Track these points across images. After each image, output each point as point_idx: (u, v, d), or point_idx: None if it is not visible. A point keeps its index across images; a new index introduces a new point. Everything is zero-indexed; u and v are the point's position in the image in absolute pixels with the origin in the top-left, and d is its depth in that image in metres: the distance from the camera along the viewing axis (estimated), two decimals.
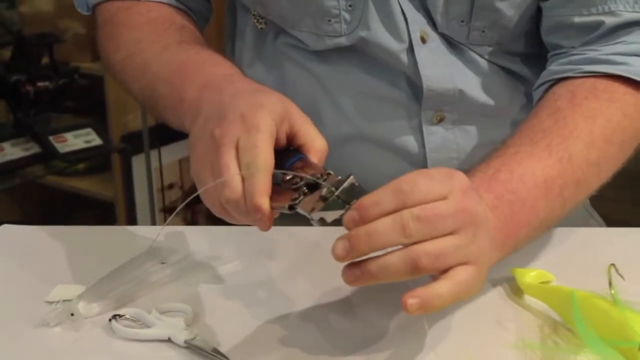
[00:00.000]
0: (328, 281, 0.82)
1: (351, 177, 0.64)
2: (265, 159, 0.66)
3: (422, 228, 0.62)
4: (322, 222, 0.63)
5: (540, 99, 0.89)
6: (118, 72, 0.93)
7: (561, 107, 0.84)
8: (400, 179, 0.64)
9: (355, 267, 0.64)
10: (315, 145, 0.70)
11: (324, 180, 0.64)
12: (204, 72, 0.79)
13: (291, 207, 0.65)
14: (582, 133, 0.81)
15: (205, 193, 0.70)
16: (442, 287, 0.63)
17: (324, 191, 0.63)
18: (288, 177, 0.66)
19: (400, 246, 0.64)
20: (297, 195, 0.65)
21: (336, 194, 0.63)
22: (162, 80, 0.83)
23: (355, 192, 0.63)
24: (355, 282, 0.65)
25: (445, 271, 0.64)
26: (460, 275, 0.64)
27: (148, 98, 0.86)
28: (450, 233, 0.64)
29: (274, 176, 0.66)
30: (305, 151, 0.70)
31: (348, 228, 0.63)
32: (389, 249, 0.63)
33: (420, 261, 0.62)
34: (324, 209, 0.62)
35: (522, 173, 0.77)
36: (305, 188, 0.65)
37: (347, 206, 0.63)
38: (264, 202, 0.65)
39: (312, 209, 0.63)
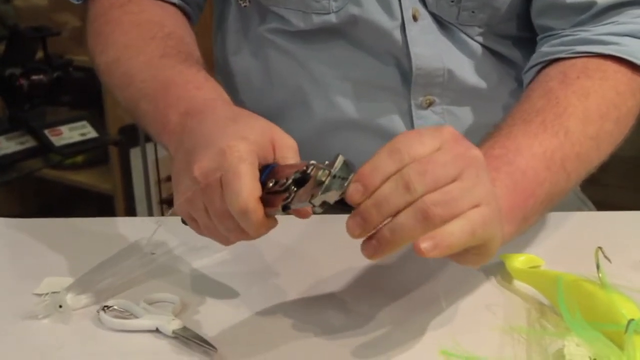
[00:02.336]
0: (317, 270, 0.83)
1: (340, 155, 0.62)
2: (249, 188, 0.64)
3: (425, 180, 0.61)
4: (325, 205, 0.62)
5: (531, 81, 0.89)
6: (103, 73, 0.92)
7: (553, 87, 0.84)
8: (392, 141, 0.63)
9: (370, 240, 0.63)
10: (285, 142, 0.69)
11: (312, 169, 0.63)
12: (185, 95, 0.77)
13: (285, 207, 0.64)
14: (576, 110, 0.81)
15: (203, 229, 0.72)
16: (455, 225, 0.61)
17: (318, 176, 0.62)
18: (270, 184, 0.65)
19: None
20: (287, 195, 0.64)
21: (333, 173, 0.61)
22: (145, 97, 0.82)
23: (348, 169, 0.62)
24: (375, 254, 0.63)
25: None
26: (473, 214, 0.62)
27: (132, 111, 0.86)
28: (454, 180, 0.62)
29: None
30: (277, 160, 0.69)
31: (354, 201, 0.62)
32: None
33: (430, 211, 0.60)
34: (325, 191, 0.61)
35: (517, 147, 0.76)
36: (293, 187, 0.64)
37: (346, 182, 0.62)
38: (266, 222, 0.66)
39: (312, 196, 0.62)
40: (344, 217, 0.94)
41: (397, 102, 0.96)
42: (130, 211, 2.56)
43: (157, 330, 0.72)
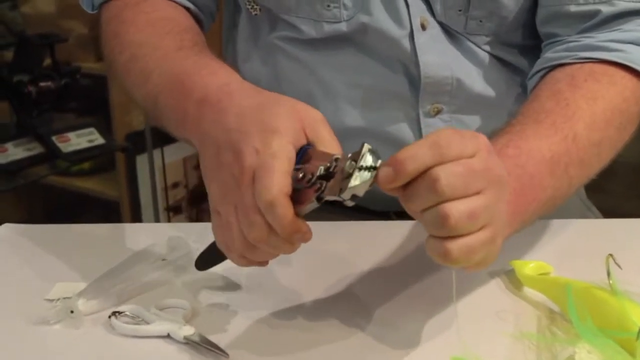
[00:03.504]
0: (329, 276, 0.83)
1: (365, 144, 0.62)
2: (279, 184, 0.63)
3: (455, 184, 0.61)
4: (355, 198, 0.62)
5: (537, 84, 0.89)
6: (121, 74, 0.91)
7: (562, 89, 0.84)
8: (435, 133, 0.62)
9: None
10: (313, 118, 0.69)
11: (335, 165, 0.63)
12: (200, 83, 0.77)
13: (319, 199, 0.63)
14: (584, 114, 0.81)
15: (224, 239, 0.69)
16: (461, 243, 0.62)
17: (346, 167, 0.61)
18: (300, 176, 0.64)
19: None
20: (318, 186, 0.63)
21: (358, 164, 0.61)
22: (162, 92, 0.81)
23: (374, 157, 0.62)
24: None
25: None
26: (481, 235, 0.63)
27: (151, 108, 0.84)
28: (478, 192, 0.62)
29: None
30: (310, 138, 0.68)
31: (383, 187, 0.62)
32: None
33: (451, 220, 0.60)
34: (353, 184, 0.61)
35: (530, 149, 0.76)
36: (319, 181, 0.64)
37: (374, 171, 0.61)
38: (297, 222, 0.64)
39: (340, 190, 0.61)
40: (356, 224, 0.95)
41: (405, 110, 0.96)
42: (137, 218, 2.56)
43: (168, 336, 0.73)
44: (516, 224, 0.73)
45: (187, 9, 0.96)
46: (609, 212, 1.09)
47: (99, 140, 2.26)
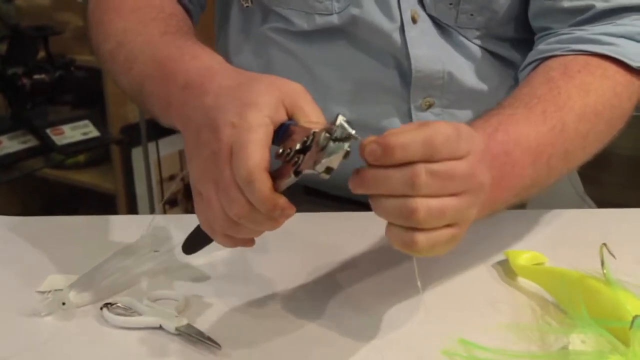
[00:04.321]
0: (321, 266, 0.83)
1: (339, 116, 0.61)
2: (256, 157, 0.63)
3: (432, 185, 0.61)
4: (330, 170, 0.61)
5: (530, 72, 0.89)
6: (107, 62, 0.91)
7: (555, 77, 0.83)
8: (432, 129, 0.61)
9: (358, 182, 0.63)
10: (292, 90, 0.68)
11: (312, 139, 0.62)
12: (182, 68, 0.76)
13: (297, 173, 0.63)
14: (575, 104, 0.81)
15: (207, 218, 0.68)
16: (425, 236, 0.62)
17: (320, 140, 0.60)
18: (280, 151, 0.64)
19: None
20: (296, 159, 0.63)
21: (333, 136, 0.60)
22: (147, 78, 0.81)
23: (348, 128, 0.60)
24: (355, 191, 0.64)
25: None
26: (445, 232, 0.63)
27: (137, 94, 0.84)
28: (454, 194, 0.62)
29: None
30: (291, 111, 0.67)
31: (367, 161, 0.61)
32: None
33: (417, 213, 0.61)
34: (327, 156, 0.60)
35: (518, 136, 0.76)
36: (297, 156, 0.63)
37: (348, 143, 0.60)
38: (275, 196, 0.63)
39: (315, 163, 0.61)
40: (347, 215, 0.95)
41: (396, 104, 0.96)
42: (132, 210, 2.56)
43: (160, 328, 0.72)
44: (485, 211, 0.72)
45: None
46: (604, 204, 1.09)
47: (94, 132, 2.26)
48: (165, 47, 0.82)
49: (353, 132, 0.60)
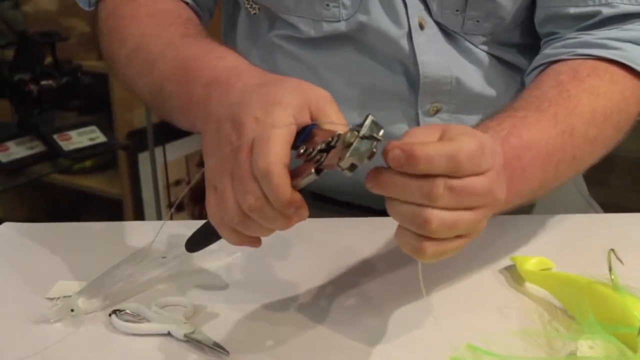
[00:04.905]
0: (328, 273, 0.83)
1: (369, 115, 0.60)
2: (277, 152, 0.62)
3: (449, 198, 0.61)
4: (353, 167, 0.60)
5: (538, 74, 0.89)
6: (123, 67, 0.90)
7: (564, 81, 0.84)
8: (458, 146, 0.61)
9: (377, 181, 0.62)
10: (318, 95, 0.67)
11: (337, 140, 0.61)
12: (208, 66, 0.76)
13: (318, 171, 0.62)
14: (585, 108, 0.81)
15: (218, 211, 0.67)
16: (434, 246, 0.62)
17: (347, 138, 0.60)
18: (301, 151, 0.63)
19: None
20: (318, 158, 0.62)
21: (361, 134, 0.59)
22: (168, 78, 0.80)
23: (377, 128, 0.60)
24: (372, 189, 0.63)
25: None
26: (455, 243, 0.63)
27: (155, 97, 0.84)
28: (469, 208, 0.62)
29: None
30: (315, 116, 0.66)
31: (390, 165, 0.61)
32: None
33: (431, 224, 0.60)
34: (353, 152, 0.59)
35: (530, 140, 0.76)
36: (322, 152, 0.62)
37: (375, 142, 0.60)
38: (291, 192, 0.62)
39: (339, 159, 0.60)
40: (355, 220, 0.95)
41: (404, 109, 0.96)
42: (139, 216, 2.56)
43: (168, 334, 0.72)
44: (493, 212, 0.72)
45: (186, 4, 0.96)
46: (611, 207, 1.09)
47: (101, 138, 2.27)
48: (188, 47, 0.81)
49: (382, 132, 0.60)
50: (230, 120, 0.66)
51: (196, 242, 0.79)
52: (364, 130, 0.60)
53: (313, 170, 0.62)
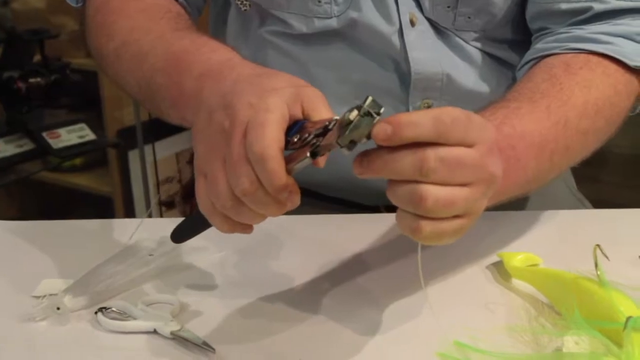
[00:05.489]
0: (316, 270, 0.83)
1: (369, 96, 0.60)
2: (272, 136, 0.61)
3: (441, 171, 0.60)
4: (352, 145, 0.60)
5: (530, 68, 0.89)
6: (112, 62, 0.89)
7: (557, 74, 0.84)
8: (441, 110, 0.61)
9: (364, 166, 0.62)
10: (312, 93, 0.66)
11: (334, 124, 0.61)
12: (200, 59, 0.75)
13: (313, 154, 0.62)
14: (577, 101, 0.81)
15: (209, 198, 0.66)
16: (435, 226, 0.62)
17: (346, 116, 0.59)
18: (295, 140, 0.62)
19: None
20: (314, 142, 0.62)
21: (362, 112, 0.59)
22: (158, 71, 0.79)
23: (378, 106, 0.60)
24: (361, 175, 0.62)
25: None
26: (455, 223, 0.63)
27: (145, 91, 0.83)
28: (464, 184, 0.62)
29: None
30: (306, 113, 0.65)
31: (376, 140, 0.60)
32: None
33: (427, 202, 0.60)
34: (353, 129, 0.59)
35: (523, 130, 0.76)
36: (318, 137, 0.62)
37: (376, 118, 0.59)
38: (286, 176, 0.61)
39: (339, 137, 0.60)
40: (345, 217, 0.95)
41: (395, 106, 0.96)
42: (129, 213, 2.55)
43: (155, 332, 0.72)
44: (490, 202, 0.71)
45: (175, 0, 0.96)
46: (601, 203, 1.09)
47: (90, 136, 2.26)
48: (180, 40, 0.81)
49: (382, 109, 0.60)
50: (222, 108, 0.65)
51: (182, 233, 0.78)
52: (365, 108, 0.59)
53: (308, 154, 0.62)
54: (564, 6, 0.90)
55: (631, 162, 2.50)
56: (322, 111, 0.65)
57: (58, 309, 0.75)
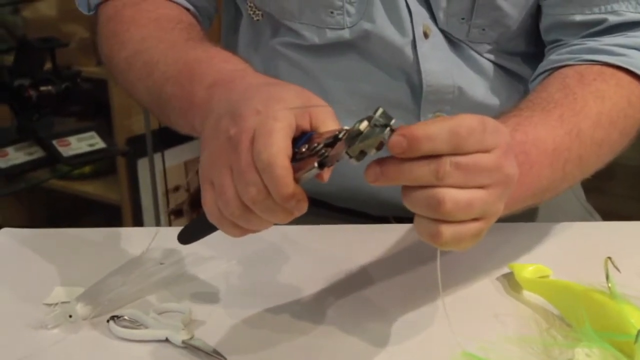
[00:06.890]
0: (327, 278, 0.83)
1: (380, 107, 0.60)
2: (280, 144, 0.61)
3: (457, 175, 0.60)
4: (362, 156, 0.60)
5: (544, 79, 0.89)
6: (123, 71, 0.90)
7: (570, 84, 0.84)
8: (458, 121, 0.60)
9: (379, 173, 0.61)
10: (321, 105, 0.67)
11: (344, 133, 0.60)
12: (212, 69, 0.75)
13: (321, 164, 0.61)
14: (591, 111, 0.81)
15: (217, 207, 0.65)
16: (453, 229, 0.61)
17: (356, 127, 0.59)
18: (303, 149, 0.62)
19: None
20: (323, 152, 0.61)
21: (373, 122, 0.59)
22: (169, 80, 0.80)
23: (388, 117, 0.60)
24: (374, 183, 0.62)
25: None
26: (473, 226, 0.62)
27: (155, 99, 0.83)
28: (481, 187, 0.61)
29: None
30: (314, 125, 0.65)
31: (392, 152, 0.60)
32: None
33: (445, 205, 0.59)
34: (363, 139, 0.59)
35: (536, 137, 0.76)
36: (327, 147, 0.61)
37: (388, 129, 0.59)
38: (293, 185, 0.61)
39: (348, 147, 0.59)
40: (354, 228, 0.95)
41: (406, 118, 0.96)
42: (138, 222, 2.56)
43: (166, 340, 0.72)
44: (505, 210, 0.70)
45: (187, 10, 0.96)
46: (609, 214, 1.09)
47: (100, 144, 2.27)
48: (192, 50, 0.81)
49: (393, 121, 0.59)
50: (229, 114, 0.65)
51: (190, 234, 0.79)
52: (375, 119, 0.59)
53: (316, 165, 0.61)
54: (579, 18, 0.90)
55: (637, 174, 2.50)
56: (330, 125, 0.65)
57: (70, 316, 0.75)
